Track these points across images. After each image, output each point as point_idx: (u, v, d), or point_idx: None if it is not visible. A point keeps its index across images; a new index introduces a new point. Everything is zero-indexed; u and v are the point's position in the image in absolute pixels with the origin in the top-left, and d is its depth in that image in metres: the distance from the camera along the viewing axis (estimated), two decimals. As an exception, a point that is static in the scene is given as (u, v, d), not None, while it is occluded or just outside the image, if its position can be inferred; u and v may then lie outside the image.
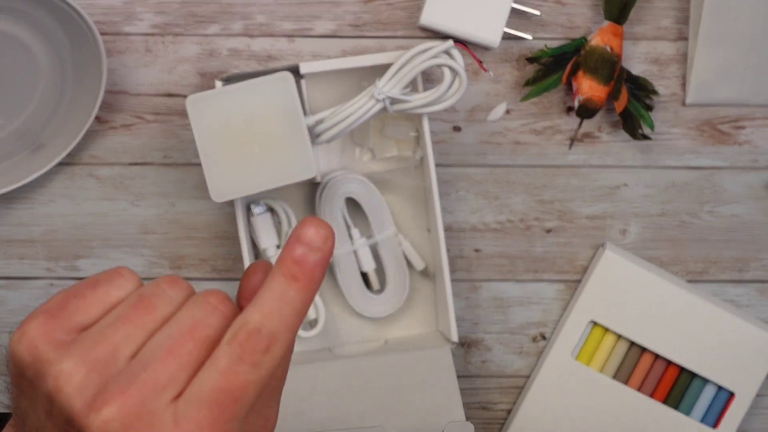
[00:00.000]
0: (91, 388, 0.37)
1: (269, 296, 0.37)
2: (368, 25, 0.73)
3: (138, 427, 0.36)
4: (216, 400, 0.36)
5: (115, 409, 0.36)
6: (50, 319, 0.39)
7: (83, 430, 0.36)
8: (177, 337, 0.37)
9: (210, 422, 0.36)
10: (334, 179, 0.71)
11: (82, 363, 0.37)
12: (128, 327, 0.38)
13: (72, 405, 0.36)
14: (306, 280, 0.38)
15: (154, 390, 0.37)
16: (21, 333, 0.38)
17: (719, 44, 0.73)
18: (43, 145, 0.71)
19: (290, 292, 0.38)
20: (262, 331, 0.37)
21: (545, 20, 0.74)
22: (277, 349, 0.37)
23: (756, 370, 0.74)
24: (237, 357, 0.37)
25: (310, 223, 0.38)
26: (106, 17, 0.72)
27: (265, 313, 0.37)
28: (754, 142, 0.75)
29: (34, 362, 0.38)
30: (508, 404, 0.77)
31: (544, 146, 0.75)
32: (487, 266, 0.76)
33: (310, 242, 0.38)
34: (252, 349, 0.37)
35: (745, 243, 0.76)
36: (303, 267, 0.38)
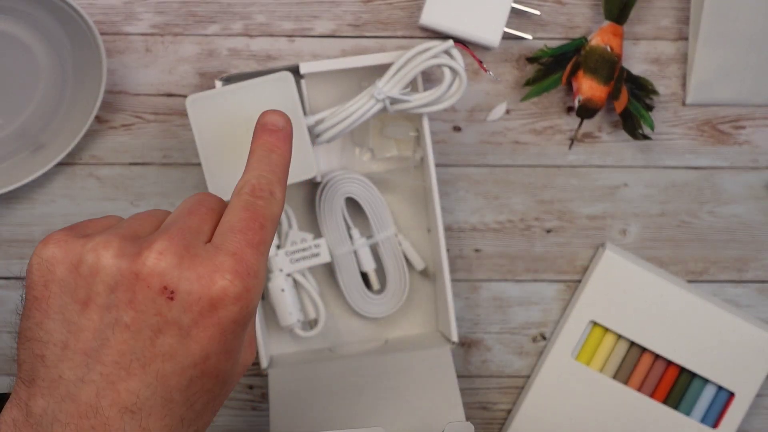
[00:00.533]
0: (130, 246, 0.41)
1: (257, 162, 0.47)
2: (368, 25, 0.73)
3: (188, 255, 0.41)
4: (247, 226, 0.43)
5: (164, 244, 0.41)
6: (68, 229, 0.43)
7: (137, 276, 0.40)
8: (189, 206, 0.45)
9: (247, 242, 0.43)
10: (334, 179, 0.71)
11: (113, 235, 0.42)
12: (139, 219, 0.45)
13: (118, 263, 0.40)
14: (281, 148, 0.49)
15: (189, 232, 0.42)
16: (45, 241, 0.42)
17: (719, 44, 0.73)
18: (44, 145, 0.71)
19: (272, 157, 0.48)
20: (262, 183, 0.46)
21: (545, 20, 0.74)
22: (278, 194, 0.46)
23: (756, 370, 0.74)
24: (250, 200, 0.45)
25: (269, 112, 0.50)
26: (106, 17, 0.72)
27: (259, 174, 0.46)
28: (754, 142, 0.75)
29: (65, 254, 0.41)
30: (508, 404, 0.77)
31: (544, 146, 0.75)
32: (487, 266, 0.76)
33: (276, 125, 0.50)
34: (259, 194, 0.45)
35: (745, 243, 0.76)
36: (275, 141, 0.49)
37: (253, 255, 0.42)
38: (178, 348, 0.39)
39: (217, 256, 0.41)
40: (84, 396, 0.39)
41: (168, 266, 0.40)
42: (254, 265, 0.42)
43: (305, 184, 0.73)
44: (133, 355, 0.39)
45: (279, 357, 0.73)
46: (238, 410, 0.76)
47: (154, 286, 0.39)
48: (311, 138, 0.67)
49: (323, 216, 0.72)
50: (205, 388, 0.41)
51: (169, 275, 0.39)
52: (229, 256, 0.41)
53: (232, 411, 0.76)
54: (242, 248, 0.42)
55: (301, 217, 0.73)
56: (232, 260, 0.41)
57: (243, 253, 0.42)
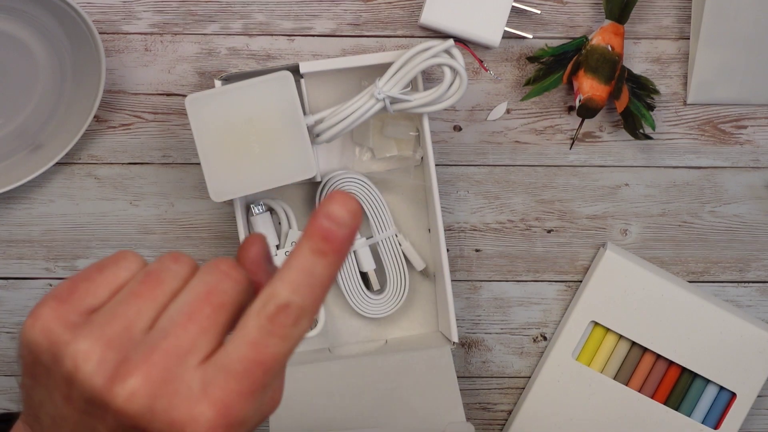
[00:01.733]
0: (111, 363, 0.37)
1: (297, 271, 0.37)
2: (368, 24, 0.73)
3: (165, 394, 0.36)
4: (246, 370, 0.37)
5: (140, 379, 0.36)
6: (61, 304, 0.39)
7: (108, 405, 0.36)
8: (193, 303, 0.38)
9: (239, 391, 0.36)
10: (334, 179, 0.71)
11: (98, 340, 0.37)
12: (139, 302, 0.38)
13: (93, 382, 0.37)
14: (333, 256, 0.37)
15: (177, 355, 0.37)
16: (33, 319, 0.38)
17: (721, 44, 0.72)
18: (42, 144, 0.71)
19: (318, 267, 0.37)
20: (291, 306, 0.37)
21: (546, 19, 0.73)
22: (304, 323, 0.37)
23: (757, 371, 0.74)
24: (267, 329, 0.37)
25: (338, 198, 0.37)
26: (105, 16, 0.72)
27: (293, 288, 0.37)
28: (755, 141, 0.75)
29: (49, 346, 0.38)
30: (509, 405, 0.77)
31: (544, 146, 0.75)
32: (487, 266, 0.75)
33: (338, 218, 0.37)
34: (282, 322, 0.37)
35: (746, 243, 0.76)
36: (331, 243, 0.37)
37: (243, 405, 0.37)
38: None
39: (199, 403, 0.37)
40: None
41: (139, 409, 0.36)
42: (242, 415, 0.37)
43: (305, 184, 0.73)
44: None
45: (279, 357, 0.73)
46: (238, 411, 0.75)
47: (123, 423, 0.37)
48: (311, 138, 0.67)
49: (323, 216, 0.71)
50: None
51: (139, 418, 0.36)
52: (211, 406, 0.36)
53: (232, 411, 0.75)
54: (231, 399, 0.37)
55: (301, 217, 0.73)
56: (214, 413, 0.36)
57: (230, 405, 0.37)
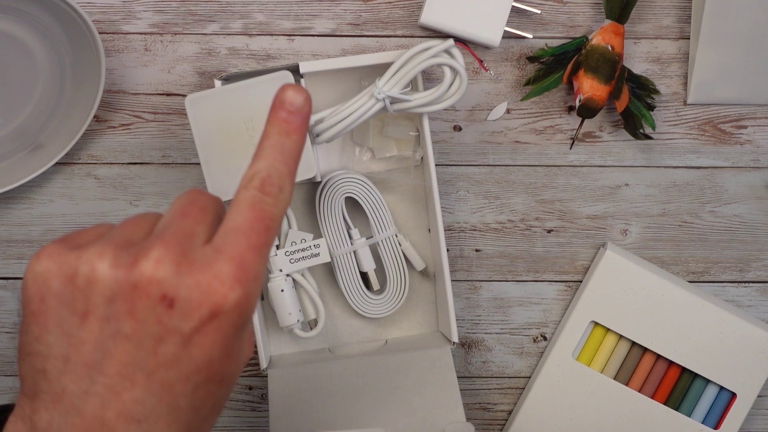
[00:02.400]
0: (125, 255, 0.40)
1: (270, 149, 0.44)
2: (368, 24, 0.73)
3: (185, 262, 0.39)
4: (251, 227, 0.41)
5: (161, 251, 0.39)
6: (61, 241, 0.42)
7: (136, 285, 0.39)
8: (181, 206, 0.42)
9: (248, 245, 0.41)
10: (334, 179, 0.71)
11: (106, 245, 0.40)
12: (132, 227, 0.43)
13: (114, 273, 0.39)
14: (296, 133, 0.45)
15: (185, 236, 0.41)
16: (38, 255, 0.41)
17: (721, 43, 0.72)
18: (42, 144, 0.71)
19: (286, 143, 0.44)
20: (273, 175, 0.43)
21: (546, 19, 0.73)
22: (287, 189, 0.43)
23: (758, 371, 0.74)
24: (258, 195, 0.42)
25: (289, 88, 0.45)
26: (104, 16, 0.72)
27: (270, 162, 0.43)
28: (755, 141, 0.75)
29: (60, 267, 0.40)
30: (509, 405, 0.77)
31: (544, 146, 0.75)
32: (487, 266, 0.75)
33: (295, 103, 0.45)
34: (269, 189, 0.43)
35: (746, 243, 0.76)
36: (292, 123, 0.45)
37: (254, 259, 0.41)
38: (181, 355, 0.39)
39: (216, 261, 0.40)
40: (89, 408, 0.39)
41: (166, 274, 0.39)
42: (255, 269, 0.41)
43: (305, 184, 0.73)
44: (136, 365, 0.39)
45: (278, 357, 0.73)
46: (238, 411, 0.75)
47: (152, 296, 0.39)
48: (311, 138, 0.67)
49: (323, 216, 0.72)
50: (210, 393, 0.41)
51: (167, 283, 0.39)
52: (229, 261, 0.40)
53: (232, 411, 0.75)
54: (244, 252, 0.41)
55: (301, 217, 0.73)
56: (233, 266, 0.40)
57: (244, 258, 0.41)
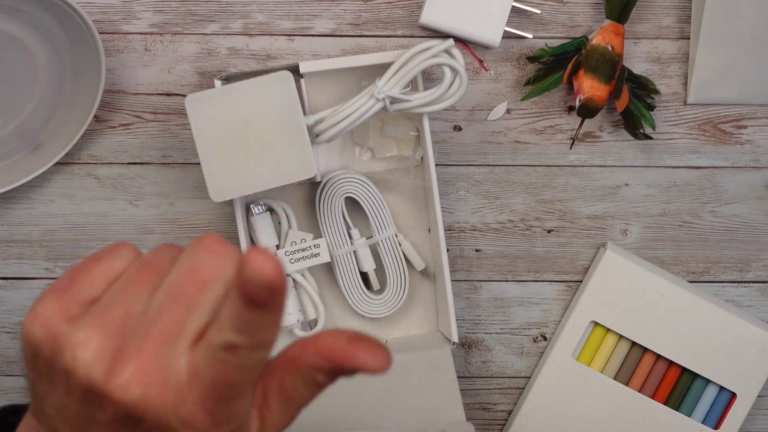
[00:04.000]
0: (108, 352, 0.37)
1: (234, 316, 0.37)
2: (368, 24, 0.73)
3: (156, 383, 0.37)
4: None
5: (132, 369, 0.37)
6: (61, 296, 0.39)
7: (105, 397, 0.37)
8: (177, 284, 0.37)
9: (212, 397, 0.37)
10: (334, 179, 0.71)
11: (96, 329, 0.38)
12: (136, 289, 0.39)
13: (91, 373, 0.37)
14: (268, 312, 0.37)
15: (167, 341, 0.37)
16: (34, 313, 0.39)
17: (721, 43, 0.72)
18: (42, 144, 0.71)
19: (253, 317, 0.37)
20: (240, 346, 0.37)
21: (546, 19, 0.73)
22: (261, 354, 0.38)
23: (758, 371, 0.74)
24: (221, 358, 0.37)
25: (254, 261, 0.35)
26: (104, 16, 0.72)
27: (236, 331, 0.37)
28: (755, 141, 0.75)
29: (49, 338, 0.38)
30: (509, 405, 0.77)
31: (544, 146, 0.75)
32: (487, 266, 0.75)
33: (259, 284, 0.35)
34: (234, 355, 0.37)
35: (746, 243, 0.76)
36: (258, 303, 0.36)
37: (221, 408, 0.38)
38: None
39: (186, 391, 0.37)
40: None
41: (133, 399, 0.37)
42: (225, 414, 0.38)
43: (305, 184, 0.73)
44: None
45: (278, 357, 0.73)
46: (238, 411, 0.75)
47: (120, 411, 0.38)
48: (311, 138, 0.67)
49: (323, 216, 0.72)
50: None
51: (134, 406, 0.37)
52: (197, 405, 0.37)
53: (232, 411, 0.75)
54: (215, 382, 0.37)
55: (301, 217, 0.73)
56: (201, 411, 0.37)
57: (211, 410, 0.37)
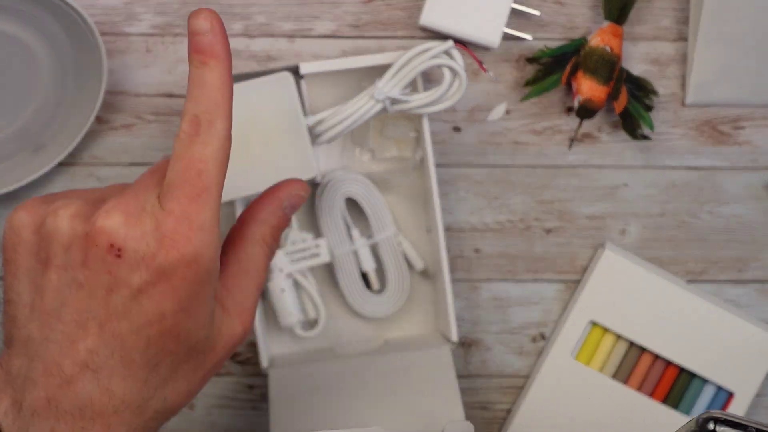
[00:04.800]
0: (87, 208, 0.42)
1: (191, 87, 0.43)
2: (368, 26, 0.73)
3: (138, 218, 0.40)
4: (184, 179, 0.41)
5: (113, 204, 0.41)
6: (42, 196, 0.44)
7: (87, 234, 0.40)
8: (151, 167, 0.45)
9: (186, 198, 0.41)
10: (334, 179, 0.71)
11: (74, 197, 0.42)
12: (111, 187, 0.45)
13: (73, 223, 0.41)
14: (214, 60, 0.42)
15: (142, 190, 0.42)
16: (16, 208, 0.43)
17: (719, 44, 0.73)
18: (44, 145, 0.71)
19: (206, 76, 0.42)
20: (199, 116, 0.42)
21: (545, 20, 0.74)
22: (219, 125, 0.43)
23: (755, 370, 0.74)
24: (187, 141, 0.42)
25: (192, 15, 0.43)
26: (106, 17, 0.72)
27: (194, 101, 0.42)
28: (754, 142, 0.75)
29: (32, 218, 0.42)
30: (508, 404, 0.77)
31: (543, 146, 0.75)
32: (487, 266, 0.76)
33: (199, 29, 0.42)
34: (194, 132, 0.42)
35: (745, 243, 0.76)
36: (204, 52, 0.42)
37: (196, 209, 0.41)
38: (131, 306, 0.40)
39: (160, 215, 0.41)
40: (48, 355, 0.40)
41: (114, 224, 0.40)
42: (199, 220, 0.41)
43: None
44: (89, 314, 0.40)
45: (279, 357, 0.73)
46: (238, 410, 0.76)
47: (101, 245, 0.40)
48: (311, 138, 0.68)
49: (323, 216, 0.72)
50: (167, 350, 0.41)
51: (114, 234, 0.40)
52: (170, 216, 0.41)
53: (233, 411, 0.76)
54: (182, 205, 0.41)
55: (301, 217, 0.73)
56: (174, 221, 0.41)
57: (184, 211, 0.41)
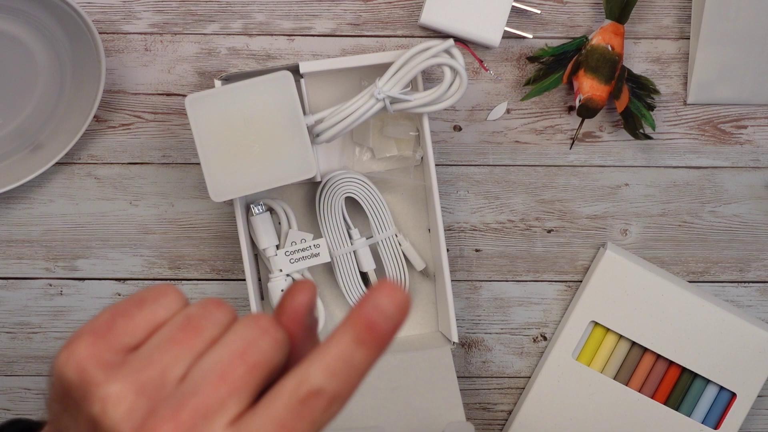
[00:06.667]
0: (139, 413, 0.37)
1: (335, 357, 0.36)
2: (368, 24, 0.73)
3: None
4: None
5: (171, 425, 0.36)
6: (98, 340, 0.38)
7: None
8: (227, 360, 0.37)
9: None
10: (334, 179, 0.71)
11: (130, 386, 0.37)
12: (176, 349, 0.38)
13: (119, 428, 0.36)
14: (375, 348, 0.37)
15: (204, 416, 0.36)
16: (68, 353, 0.38)
17: (721, 43, 0.72)
18: (42, 144, 0.71)
19: (357, 356, 0.36)
20: (324, 392, 0.36)
21: (546, 19, 0.73)
22: (335, 409, 0.37)
23: (757, 371, 0.74)
24: (296, 412, 0.36)
25: (388, 289, 0.36)
26: (104, 16, 0.72)
27: (329, 374, 0.36)
28: (755, 141, 0.75)
29: (81, 383, 0.38)
30: (509, 405, 0.77)
31: (544, 146, 0.75)
32: (487, 266, 0.75)
33: (386, 311, 0.36)
34: (312, 408, 0.36)
35: (746, 243, 0.76)
36: (374, 334, 0.36)
37: None
38: None
39: None
40: None
41: None
42: None
43: (305, 184, 0.73)
44: None
45: (278, 357, 0.73)
46: (238, 411, 0.75)
47: None
48: (311, 138, 0.67)
49: (323, 216, 0.72)
50: None
51: None
52: None
53: (232, 411, 0.75)
54: None
55: (301, 217, 0.73)
56: None
57: None
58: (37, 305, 0.74)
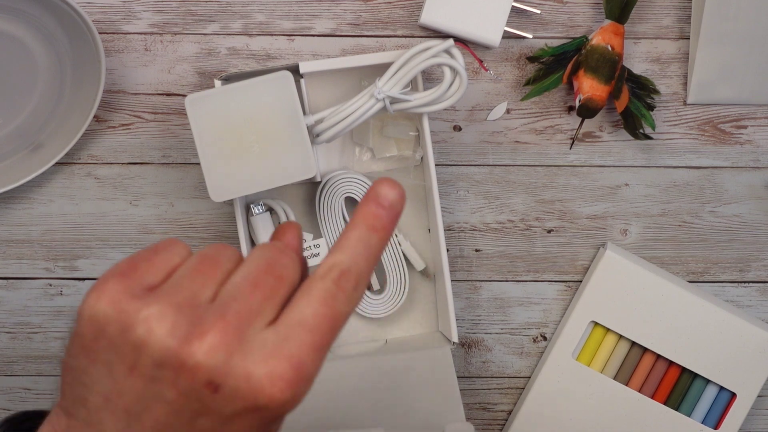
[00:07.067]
0: (184, 325, 0.39)
1: (355, 242, 0.42)
2: (368, 24, 0.73)
3: (241, 351, 0.39)
4: (318, 325, 0.39)
5: (217, 336, 0.39)
6: (125, 278, 0.41)
7: (184, 363, 0.38)
8: (256, 273, 0.41)
9: (312, 344, 0.39)
10: (334, 179, 0.71)
11: (169, 306, 0.39)
12: (201, 277, 0.41)
13: (168, 343, 0.38)
14: (384, 231, 0.42)
15: (248, 318, 0.39)
16: (99, 292, 0.40)
17: (721, 43, 0.72)
18: (42, 144, 0.71)
19: (372, 239, 0.42)
20: (352, 271, 0.41)
21: (546, 19, 0.73)
22: (362, 287, 0.41)
23: (757, 371, 0.74)
24: (333, 290, 0.40)
25: (386, 183, 0.43)
26: (104, 16, 0.72)
27: (352, 256, 0.41)
28: (755, 141, 0.75)
29: (118, 315, 0.40)
30: (509, 405, 0.77)
31: (544, 146, 0.75)
32: (487, 266, 0.75)
33: (388, 200, 0.42)
34: (345, 285, 0.40)
35: (746, 243, 0.76)
36: (382, 220, 0.42)
37: (314, 360, 0.39)
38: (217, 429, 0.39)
39: (274, 356, 0.38)
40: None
41: (217, 363, 0.38)
42: (312, 370, 0.39)
43: (305, 184, 0.73)
44: (172, 428, 0.39)
45: (278, 357, 0.72)
46: (238, 411, 0.75)
47: (198, 379, 0.38)
48: (311, 138, 0.67)
49: (323, 216, 0.72)
50: None
51: (216, 371, 0.38)
52: (286, 360, 0.38)
53: (232, 411, 0.75)
54: (305, 352, 0.39)
55: (301, 217, 0.73)
56: (289, 367, 0.38)
57: (303, 359, 0.39)
58: (37, 305, 0.74)
